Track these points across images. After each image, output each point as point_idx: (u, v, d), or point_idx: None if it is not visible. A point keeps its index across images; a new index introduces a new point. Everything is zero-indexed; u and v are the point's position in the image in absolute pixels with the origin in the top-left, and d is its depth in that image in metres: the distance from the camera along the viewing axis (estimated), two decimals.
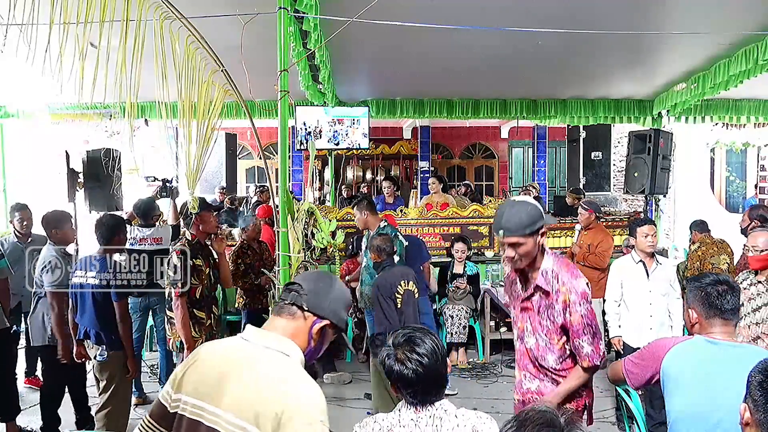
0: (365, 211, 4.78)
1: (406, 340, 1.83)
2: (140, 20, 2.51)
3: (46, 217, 4.01)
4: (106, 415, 3.64)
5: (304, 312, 1.61)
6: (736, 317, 2.12)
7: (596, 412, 4.54)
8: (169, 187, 5.64)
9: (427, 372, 1.77)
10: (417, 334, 1.84)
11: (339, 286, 1.70)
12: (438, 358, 1.81)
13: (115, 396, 3.65)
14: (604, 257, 5.53)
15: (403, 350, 1.81)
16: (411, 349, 1.80)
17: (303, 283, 1.65)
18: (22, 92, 6.82)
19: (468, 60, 5.60)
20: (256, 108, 6.96)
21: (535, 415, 1.25)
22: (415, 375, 1.77)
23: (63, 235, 4.00)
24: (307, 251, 3.16)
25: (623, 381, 2.34)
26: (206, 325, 3.74)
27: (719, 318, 2.11)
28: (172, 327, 3.74)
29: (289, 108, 3.16)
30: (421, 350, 1.79)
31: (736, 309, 2.12)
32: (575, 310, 2.30)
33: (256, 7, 3.08)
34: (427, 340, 1.82)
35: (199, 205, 3.74)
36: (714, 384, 1.97)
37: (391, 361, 1.81)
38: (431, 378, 1.79)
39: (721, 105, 7.62)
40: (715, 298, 2.12)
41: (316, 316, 1.62)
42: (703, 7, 4.27)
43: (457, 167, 13.55)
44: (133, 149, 2.76)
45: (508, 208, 2.32)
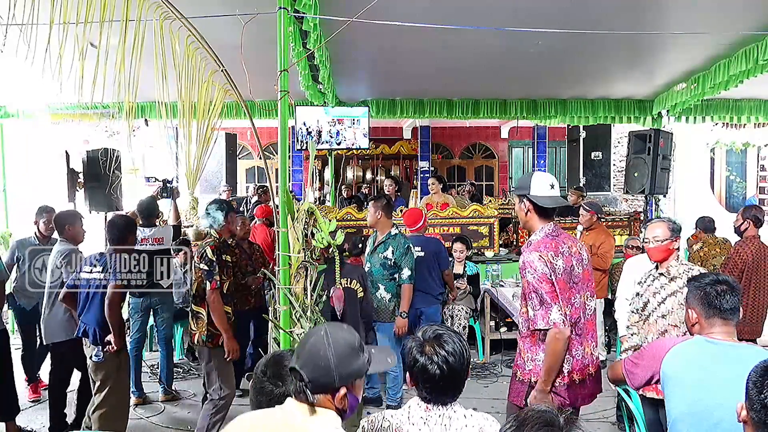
0: (380, 211, 4.55)
1: (435, 336, 1.82)
2: (140, 20, 2.51)
3: (58, 215, 4.19)
4: (101, 416, 3.64)
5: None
6: (736, 317, 2.12)
7: (596, 412, 4.56)
8: (170, 187, 5.63)
9: (450, 371, 1.77)
10: (447, 333, 1.84)
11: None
12: (463, 362, 1.81)
13: (110, 396, 3.66)
14: (606, 258, 5.53)
15: (431, 345, 1.80)
16: (440, 345, 1.79)
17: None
18: (22, 92, 6.82)
19: (468, 60, 5.61)
20: (256, 108, 6.97)
21: (535, 414, 1.25)
22: (439, 371, 1.76)
23: (74, 233, 4.15)
24: (307, 251, 3.15)
25: (623, 381, 2.34)
26: (231, 321, 3.78)
27: (719, 318, 2.11)
28: (198, 321, 3.74)
29: (289, 108, 3.15)
30: (449, 348, 1.79)
31: (736, 309, 2.11)
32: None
33: (256, 7, 3.08)
34: (456, 340, 1.82)
35: (228, 207, 3.93)
36: (714, 384, 1.97)
37: (417, 353, 1.80)
38: (452, 378, 1.79)
39: (721, 105, 7.63)
40: (714, 297, 2.12)
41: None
42: (703, 7, 4.27)
43: (457, 167, 13.55)
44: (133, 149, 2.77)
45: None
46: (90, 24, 2.38)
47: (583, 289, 2.71)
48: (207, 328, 3.73)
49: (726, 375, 1.94)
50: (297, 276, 3.08)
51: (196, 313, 3.77)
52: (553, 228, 2.71)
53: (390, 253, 4.51)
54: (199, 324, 3.76)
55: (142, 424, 4.55)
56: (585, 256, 2.78)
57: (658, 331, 3.21)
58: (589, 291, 2.75)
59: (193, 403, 4.89)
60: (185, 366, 5.81)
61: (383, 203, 4.65)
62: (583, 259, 2.74)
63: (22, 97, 7.07)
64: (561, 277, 2.59)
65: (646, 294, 3.30)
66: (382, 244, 4.57)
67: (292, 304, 3.06)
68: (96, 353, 3.63)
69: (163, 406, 4.89)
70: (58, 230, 4.18)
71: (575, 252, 2.71)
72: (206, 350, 3.76)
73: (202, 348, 3.76)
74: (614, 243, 5.71)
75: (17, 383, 4.28)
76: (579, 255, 2.72)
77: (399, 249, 4.51)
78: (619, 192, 12.08)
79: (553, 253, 2.60)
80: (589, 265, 2.81)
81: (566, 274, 2.62)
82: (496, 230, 7.19)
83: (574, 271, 2.67)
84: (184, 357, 6.07)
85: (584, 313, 2.71)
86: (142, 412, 4.73)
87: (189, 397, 5.04)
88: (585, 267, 2.75)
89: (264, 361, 1.87)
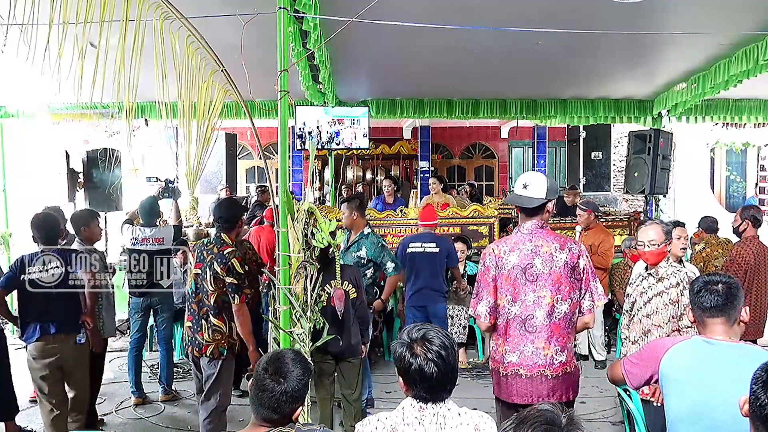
0: (355, 212, 4.59)
1: (421, 335, 1.82)
2: (140, 20, 2.51)
3: (74, 216, 4.23)
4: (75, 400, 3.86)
5: None
6: (722, 314, 2.09)
7: (596, 412, 4.57)
8: (171, 187, 5.64)
9: (446, 366, 1.78)
10: (431, 330, 1.84)
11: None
12: (454, 353, 1.82)
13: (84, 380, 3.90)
14: (607, 257, 5.52)
15: (420, 344, 1.80)
16: (429, 342, 1.79)
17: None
18: (22, 92, 6.82)
19: (468, 60, 5.60)
20: (256, 108, 6.95)
21: (536, 413, 1.25)
22: (435, 368, 1.76)
23: (90, 233, 4.16)
24: (307, 251, 3.16)
25: (623, 381, 2.34)
26: None
27: (706, 317, 2.11)
28: (215, 334, 3.57)
29: (289, 108, 3.15)
30: (438, 343, 1.80)
31: (718, 306, 2.08)
32: None
33: (256, 7, 3.08)
34: (442, 334, 1.83)
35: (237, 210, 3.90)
36: (711, 384, 1.97)
37: (409, 355, 1.79)
38: (448, 372, 1.79)
39: (721, 105, 7.62)
40: (698, 297, 2.13)
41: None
42: (703, 7, 4.27)
43: (457, 167, 13.55)
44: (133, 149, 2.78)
45: None
46: (90, 24, 2.38)
47: (548, 290, 2.73)
48: (227, 340, 3.61)
49: (724, 375, 1.94)
50: (297, 276, 3.08)
51: (214, 326, 3.56)
52: (532, 226, 2.79)
53: (364, 252, 4.52)
54: (216, 336, 3.57)
55: (142, 424, 4.55)
56: (562, 258, 2.76)
57: (641, 330, 3.24)
58: (562, 294, 2.75)
59: (193, 403, 4.89)
60: (185, 366, 5.81)
61: (356, 204, 4.68)
62: (555, 261, 2.75)
63: (22, 97, 7.07)
64: (507, 272, 2.75)
65: (633, 294, 3.33)
66: (356, 243, 4.57)
67: (292, 304, 3.06)
68: (79, 338, 3.82)
69: (163, 406, 4.89)
70: (75, 231, 4.17)
71: (545, 252, 2.74)
72: (220, 362, 3.60)
73: (216, 360, 3.60)
74: (614, 242, 5.71)
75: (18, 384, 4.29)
76: (549, 255, 2.75)
77: (373, 247, 4.51)
78: (619, 192, 12.07)
79: (509, 249, 2.77)
80: (566, 270, 2.76)
81: (518, 270, 2.74)
82: (496, 230, 7.19)
83: (533, 269, 2.73)
84: (184, 357, 6.07)
85: (549, 314, 2.74)
86: (142, 412, 4.73)
87: (189, 397, 5.03)
88: (557, 269, 2.74)
89: (265, 359, 1.88)
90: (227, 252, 3.51)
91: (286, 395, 1.79)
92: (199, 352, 3.60)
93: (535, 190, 2.79)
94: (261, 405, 1.80)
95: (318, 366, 3.63)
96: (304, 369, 1.86)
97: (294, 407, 1.82)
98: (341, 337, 3.55)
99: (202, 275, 3.56)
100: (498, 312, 2.81)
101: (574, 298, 2.78)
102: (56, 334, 3.72)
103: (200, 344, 3.59)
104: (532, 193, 2.79)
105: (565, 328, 2.77)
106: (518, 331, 2.76)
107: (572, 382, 2.82)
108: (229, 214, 3.70)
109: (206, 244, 3.68)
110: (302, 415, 2.94)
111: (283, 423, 1.82)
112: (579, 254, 2.79)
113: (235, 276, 3.48)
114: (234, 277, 3.47)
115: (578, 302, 2.81)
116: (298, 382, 1.81)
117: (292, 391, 1.80)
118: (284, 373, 1.81)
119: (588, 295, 2.82)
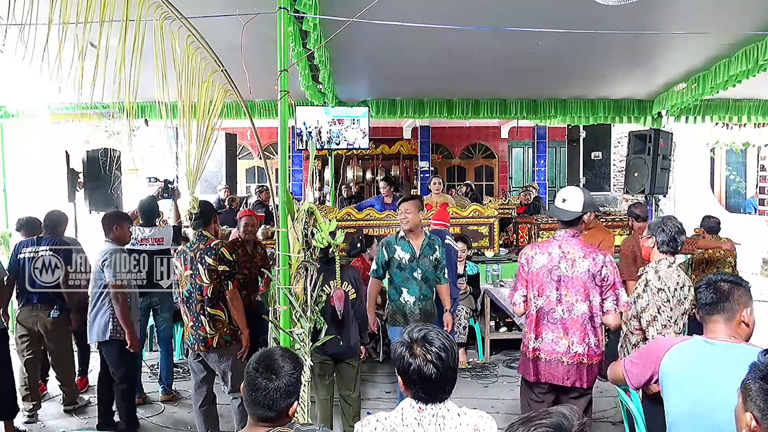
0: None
1: (422, 336, 1.82)
2: (140, 20, 2.51)
3: (107, 216, 4.36)
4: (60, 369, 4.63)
5: None
6: (718, 312, 2.10)
7: (596, 413, 4.56)
8: (171, 187, 5.64)
9: (445, 367, 1.78)
10: (431, 330, 1.84)
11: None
12: (454, 355, 1.83)
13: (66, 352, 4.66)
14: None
15: (420, 345, 1.80)
16: (429, 343, 1.80)
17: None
18: (22, 92, 6.82)
19: (468, 60, 5.60)
20: (256, 108, 6.96)
21: (543, 414, 1.23)
22: (434, 369, 1.76)
23: (121, 234, 4.27)
24: (307, 251, 3.15)
25: (623, 381, 2.34)
26: None
27: (705, 315, 2.15)
28: (216, 323, 3.76)
29: (289, 108, 3.15)
30: (438, 344, 1.80)
31: (712, 303, 2.11)
32: None
33: (256, 7, 3.08)
34: (442, 336, 1.83)
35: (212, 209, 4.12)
36: (711, 384, 1.97)
37: (409, 355, 1.80)
38: (447, 374, 1.79)
39: (721, 105, 7.62)
40: (698, 295, 2.17)
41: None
42: (703, 7, 4.27)
43: (457, 167, 13.55)
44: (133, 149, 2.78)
45: None
46: (89, 24, 2.38)
47: (570, 290, 3.18)
48: (228, 327, 3.82)
49: (723, 376, 1.94)
50: (297, 276, 3.08)
51: (213, 317, 3.76)
52: (564, 234, 3.25)
53: (438, 252, 4.24)
54: (217, 326, 3.78)
55: (142, 424, 4.55)
56: (585, 265, 3.17)
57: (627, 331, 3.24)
58: (582, 296, 3.17)
59: (192, 403, 4.89)
60: (185, 366, 5.80)
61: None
62: (577, 266, 3.18)
63: (22, 97, 7.07)
64: (536, 271, 3.25)
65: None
66: (428, 245, 4.20)
67: (292, 304, 3.06)
68: (53, 313, 4.49)
69: (163, 406, 4.90)
70: (105, 230, 4.25)
71: (570, 258, 3.19)
72: (226, 350, 3.81)
73: (223, 349, 3.79)
74: (614, 241, 5.71)
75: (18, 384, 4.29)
76: (573, 261, 3.19)
77: (440, 248, 4.24)
78: (619, 192, 12.09)
79: (540, 251, 3.28)
80: (588, 275, 3.16)
81: (544, 269, 3.23)
82: (496, 230, 7.19)
83: (558, 271, 3.20)
84: (184, 357, 6.06)
85: (568, 310, 3.20)
86: (142, 412, 4.72)
87: (189, 397, 5.03)
88: (579, 274, 3.17)
89: (254, 358, 1.89)
90: (214, 244, 3.82)
91: (279, 391, 1.79)
92: (206, 347, 3.79)
93: (572, 204, 3.22)
94: (256, 404, 1.80)
95: (317, 366, 3.64)
96: (295, 364, 1.86)
97: (289, 402, 1.82)
98: (341, 337, 3.55)
99: (194, 274, 3.77)
100: (528, 303, 3.30)
101: (593, 301, 3.17)
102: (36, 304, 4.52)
103: (205, 338, 3.78)
104: (569, 206, 3.22)
105: (583, 324, 3.18)
106: (542, 321, 3.25)
107: (587, 372, 3.21)
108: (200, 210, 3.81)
109: (190, 246, 3.88)
110: (302, 416, 2.95)
111: (281, 421, 1.81)
112: (603, 264, 3.16)
113: (226, 263, 3.76)
114: (226, 264, 3.75)
115: (599, 305, 3.17)
116: (290, 377, 1.81)
117: (285, 386, 1.79)
118: (275, 370, 1.81)
119: (612, 298, 3.17)
